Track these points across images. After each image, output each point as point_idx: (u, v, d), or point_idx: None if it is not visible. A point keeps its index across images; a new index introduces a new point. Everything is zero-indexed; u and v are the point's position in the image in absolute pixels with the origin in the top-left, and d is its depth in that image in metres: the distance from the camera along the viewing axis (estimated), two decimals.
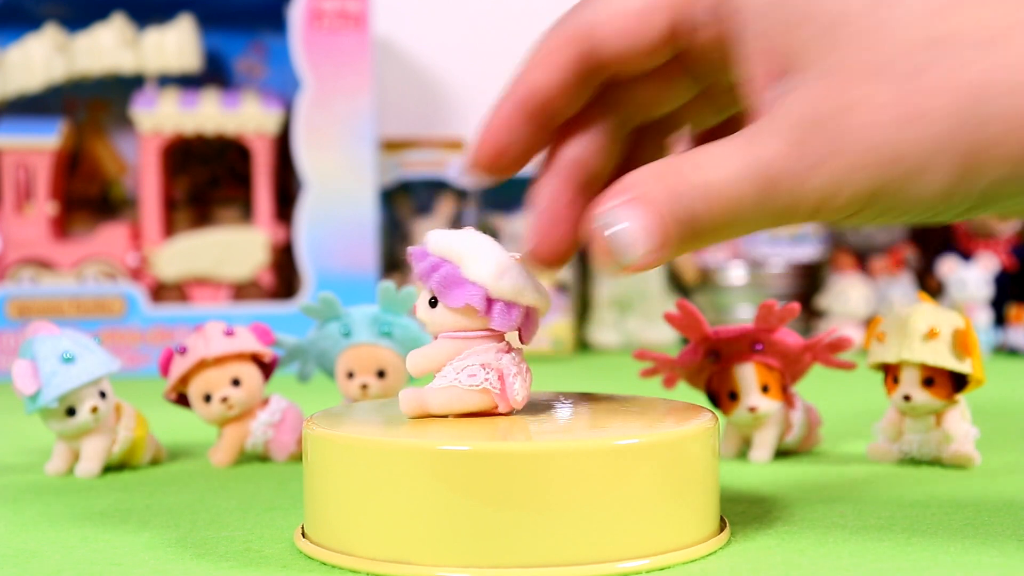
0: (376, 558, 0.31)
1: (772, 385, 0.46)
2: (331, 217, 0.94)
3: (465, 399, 0.33)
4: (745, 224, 0.32)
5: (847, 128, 0.30)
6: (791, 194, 0.31)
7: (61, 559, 0.33)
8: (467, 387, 0.33)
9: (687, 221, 0.32)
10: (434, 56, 1.19)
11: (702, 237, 0.32)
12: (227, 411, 0.48)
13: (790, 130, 0.31)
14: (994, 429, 0.52)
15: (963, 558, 0.32)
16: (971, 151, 0.30)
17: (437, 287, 0.33)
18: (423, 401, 0.33)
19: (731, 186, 0.31)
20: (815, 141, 0.30)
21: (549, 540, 0.30)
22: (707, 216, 0.31)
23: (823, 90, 0.31)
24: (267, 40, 1.04)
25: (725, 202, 0.31)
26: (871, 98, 0.30)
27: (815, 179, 0.30)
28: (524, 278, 0.33)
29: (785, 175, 0.30)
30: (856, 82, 0.30)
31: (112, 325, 0.90)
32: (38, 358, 0.45)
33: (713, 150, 0.32)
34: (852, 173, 0.30)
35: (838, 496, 0.40)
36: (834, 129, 0.30)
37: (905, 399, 0.45)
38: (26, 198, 0.95)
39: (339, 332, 0.50)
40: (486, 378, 0.33)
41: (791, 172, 0.30)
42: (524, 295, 0.33)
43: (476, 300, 0.33)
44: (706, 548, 0.32)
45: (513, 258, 0.33)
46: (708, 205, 0.31)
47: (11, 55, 0.95)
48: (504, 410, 0.33)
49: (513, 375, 0.33)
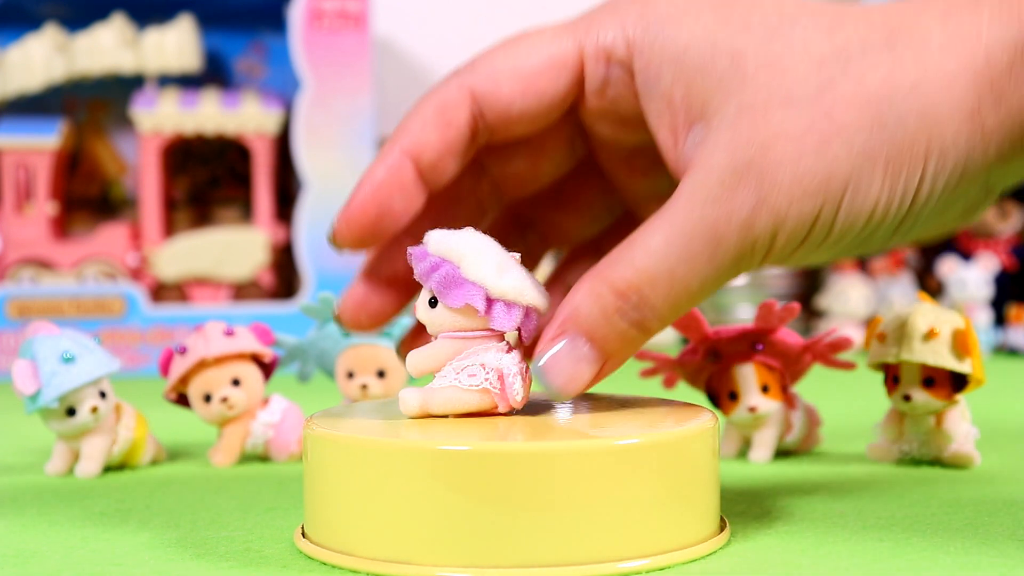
0: (376, 558, 0.31)
1: (772, 385, 0.46)
2: (331, 217, 0.94)
3: (465, 399, 0.33)
4: (707, 287, 0.32)
5: (773, 165, 0.30)
6: (741, 243, 0.31)
7: (61, 559, 0.33)
8: (467, 387, 0.33)
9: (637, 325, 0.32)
10: (434, 56, 1.19)
11: (660, 323, 0.32)
12: (227, 411, 0.48)
13: (720, 183, 0.31)
14: (994, 429, 0.52)
15: (963, 558, 0.32)
16: (892, 154, 0.30)
17: (437, 287, 0.33)
18: (423, 401, 0.33)
19: (681, 262, 0.31)
20: (747, 187, 0.31)
21: (549, 540, 0.30)
22: (665, 302, 0.32)
23: (739, 133, 0.31)
24: (267, 40, 1.04)
25: (680, 281, 0.31)
26: (786, 129, 0.30)
27: (759, 222, 0.31)
28: (524, 278, 0.33)
29: (731, 228, 0.31)
30: (767, 117, 0.31)
31: (112, 325, 0.90)
32: (38, 358, 0.45)
33: (649, 236, 0.32)
34: (791, 205, 0.30)
35: (838, 496, 0.40)
36: (761, 169, 0.30)
37: (905, 399, 0.45)
38: (26, 198, 0.95)
39: (339, 332, 0.50)
40: (486, 378, 0.33)
41: (735, 223, 0.31)
42: (524, 295, 0.33)
43: (476, 300, 0.33)
44: (706, 548, 0.32)
45: (513, 258, 0.33)
46: (661, 291, 0.31)
47: (11, 55, 0.95)
48: (504, 410, 0.33)
49: (513, 375, 0.33)
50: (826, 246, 0.32)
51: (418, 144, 0.34)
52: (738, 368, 0.46)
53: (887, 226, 0.31)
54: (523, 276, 0.33)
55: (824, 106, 0.30)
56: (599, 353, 0.32)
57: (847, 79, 0.31)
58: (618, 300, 0.32)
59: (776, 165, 0.30)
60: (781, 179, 0.30)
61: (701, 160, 0.31)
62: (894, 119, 0.30)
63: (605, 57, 0.34)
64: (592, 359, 0.32)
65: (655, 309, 0.32)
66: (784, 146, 0.30)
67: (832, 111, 0.30)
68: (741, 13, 0.32)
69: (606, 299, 0.32)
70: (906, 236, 0.32)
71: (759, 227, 0.31)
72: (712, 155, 0.31)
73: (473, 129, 0.34)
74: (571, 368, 0.32)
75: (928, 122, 0.30)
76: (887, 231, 0.32)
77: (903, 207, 0.31)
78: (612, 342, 0.32)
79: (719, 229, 0.31)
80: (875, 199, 0.31)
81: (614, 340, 0.32)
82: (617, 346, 0.32)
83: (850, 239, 0.32)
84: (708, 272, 0.31)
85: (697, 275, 0.31)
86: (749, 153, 0.31)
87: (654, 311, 0.32)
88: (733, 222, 0.31)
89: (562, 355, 0.32)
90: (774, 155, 0.30)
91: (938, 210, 0.32)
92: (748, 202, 0.30)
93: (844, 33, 0.31)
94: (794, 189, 0.30)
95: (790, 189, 0.30)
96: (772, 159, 0.30)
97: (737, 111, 0.31)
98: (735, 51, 0.31)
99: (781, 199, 0.30)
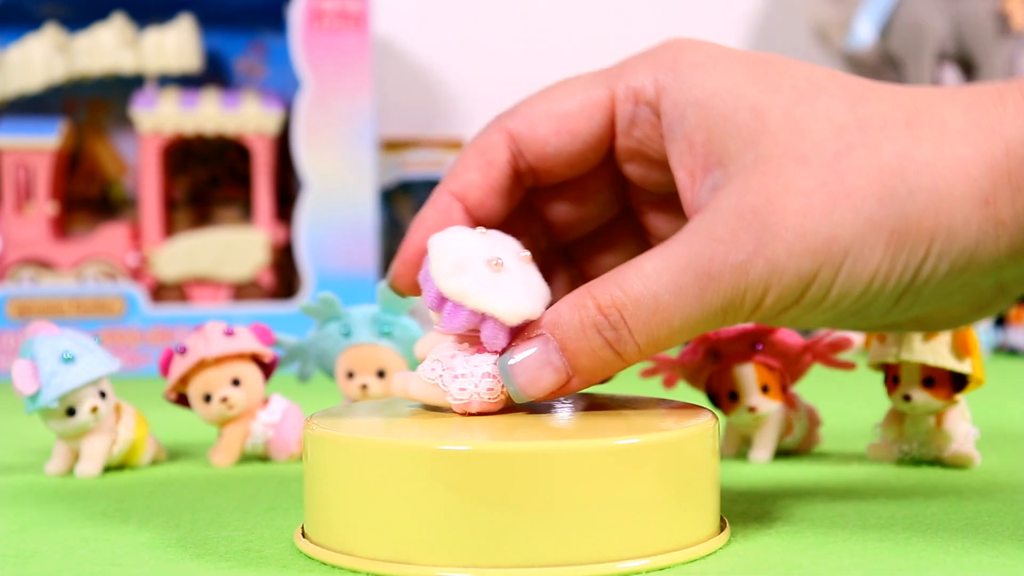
0: (376, 558, 0.31)
1: (772, 385, 0.46)
2: (331, 217, 0.94)
3: (424, 390, 0.34)
4: (689, 327, 0.32)
5: (778, 216, 0.30)
6: (733, 287, 0.31)
7: (61, 559, 0.33)
8: (425, 379, 0.34)
9: (608, 347, 0.32)
10: (434, 56, 1.19)
11: (636, 348, 0.32)
12: (227, 411, 0.48)
13: (723, 224, 0.31)
14: (994, 429, 0.52)
15: (963, 558, 0.32)
16: (899, 227, 0.30)
17: (419, 283, 0.34)
18: (406, 384, 0.34)
19: (669, 292, 0.31)
20: (749, 232, 0.31)
21: (549, 540, 0.30)
22: (643, 328, 0.31)
23: (750, 182, 0.31)
24: (267, 40, 1.04)
25: (663, 311, 0.31)
26: (797, 185, 0.31)
27: (754, 269, 0.31)
28: (484, 284, 0.33)
29: (725, 269, 0.31)
30: (781, 171, 0.31)
31: (112, 325, 0.90)
32: (38, 358, 0.45)
33: (644, 261, 0.32)
34: (789, 259, 0.30)
35: (838, 496, 0.40)
36: (765, 218, 0.31)
37: (905, 399, 0.45)
38: (26, 198, 0.95)
39: (339, 332, 0.50)
40: (440, 374, 0.34)
41: (730, 265, 0.31)
42: (468, 299, 0.33)
43: (429, 298, 0.34)
44: (706, 548, 0.32)
45: (495, 261, 0.33)
46: (642, 316, 0.31)
47: (11, 55, 0.95)
48: (455, 409, 0.34)
49: (456, 376, 0.33)
50: (821, 310, 0.32)
51: (463, 185, 0.36)
52: (738, 368, 0.46)
53: (885, 298, 0.31)
54: (484, 282, 0.33)
55: (837, 169, 0.31)
56: (567, 363, 0.32)
57: (863, 148, 0.31)
58: (598, 315, 0.32)
59: (781, 217, 0.30)
60: (784, 232, 0.30)
61: (711, 203, 0.32)
62: (904, 192, 0.30)
63: (634, 98, 0.34)
64: (558, 367, 0.32)
65: (632, 333, 0.31)
66: (792, 200, 0.30)
67: (844, 175, 0.30)
68: (772, 75, 0.33)
69: (587, 311, 0.32)
70: (906, 313, 0.32)
71: (753, 274, 0.31)
72: (722, 199, 0.31)
73: (514, 168, 0.36)
74: (535, 371, 0.32)
75: (938, 201, 0.30)
76: (885, 304, 0.31)
77: (903, 281, 0.31)
78: (582, 356, 0.32)
79: (712, 267, 0.31)
80: (875, 268, 0.30)
81: (585, 354, 0.32)
82: (586, 361, 0.32)
83: (846, 306, 0.31)
84: (693, 309, 0.31)
85: (681, 309, 0.31)
86: (756, 201, 0.31)
87: (630, 335, 0.32)
88: (728, 263, 0.31)
89: (531, 356, 0.32)
90: (780, 207, 0.30)
91: (941, 292, 0.31)
92: (746, 247, 0.31)
93: (868, 108, 0.31)
94: (795, 244, 0.30)
95: (791, 243, 0.30)
96: (778, 210, 0.30)
97: (753, 161, 0.31)
98: (759, 107, 0.32)
99: (780, 251, 0.30)
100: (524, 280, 0.34)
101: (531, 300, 0.33)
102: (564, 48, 1.19)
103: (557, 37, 1.19)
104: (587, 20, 1.20)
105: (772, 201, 0.31)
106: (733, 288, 0.31)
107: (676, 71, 0.34)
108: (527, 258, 0.34)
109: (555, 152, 0.35)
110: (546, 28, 1.19)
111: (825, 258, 0.30)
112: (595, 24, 1.20)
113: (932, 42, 1.05)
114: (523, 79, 1.18)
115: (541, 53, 1.19)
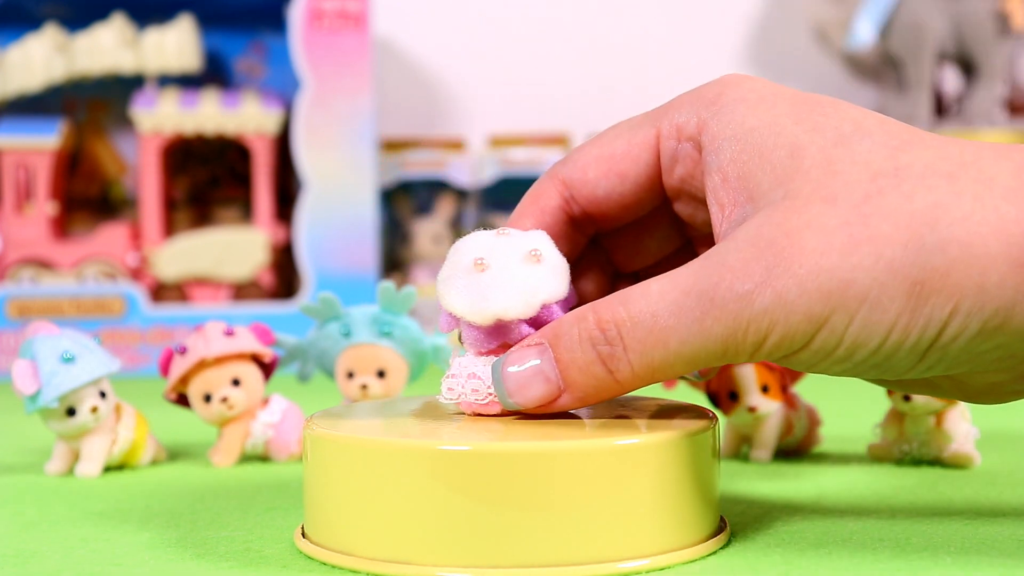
0: (376, 558, 0.31)
1: (772, 385, 0.46)
2: (331, 217, 0.94)
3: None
4: (686, 353, 0.30)
5: (795, 250, 0.29)
6: (735, 316, 0.30)
7: (61, 559, 0.33)
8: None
9: (600, 363, 0.31)
10: (434, 56, 1.19)
11: (630, 368, 0.31)
12: (227, 411, 0.48)
13: (737, 252, 0.30)
14: (994, 429, 0.52)
15: (963, 559, 0.32)
16: (923, 278, 0.29)
17: None
18: None
19: (669, 313, 0.30)
20: (761, 262, 0.29)
21: (549, 540, 0.30)
22: (639, 346, 0.31)
23: (774, 215, 0.30)
24: (267, 40, 1.04)
25: (660, 332, 0.30)
26: (820, 221, 0.29)
27: (760, 300, 0.29)
28: (459, 284, 0.33)
29: (730, 296, 0.30)
30: (806, 208, 0.30)
31: (112, 325, 0.90)
32: (38, 358, 0.45)
33: (652, 283, 0.31)
34: (799, 297, 0.29)
35: (838, 496, 0.40)
36: (781, 250, 0.29)
37: (905, 399, 0.45)
38: (26, 198, 0.95)
39: (339, 332, 0.50)
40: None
41: (736, 293, 0.30)
42: (442, 299, 0.33)
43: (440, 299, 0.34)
44: (706, 548, 0.32)
45: (478, 261, 0.33)
46: (639, 334, 0.31)
47: (11, 55, 0.95)
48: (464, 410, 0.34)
49: (448, 376, 0.34)
50: (835, 359, 0.30)
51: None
52: (738, 368, 0.46)
53: (906, 353, 0.30)
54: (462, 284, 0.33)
55: (864, 211, 0.29)
56: (559, 375, 0.32)
57: (896, 193, 0.29)
58: (595, 329, 0.31)
59: (797, 252, 0.29)
60: (797, 267, 0.29)
61: (731, 233, 0.31)
62: (933, 242, 0.29)
63: (677, 135, 0.34)
64: (549, 378, 0.32)
65: (626, 351, 0.31)
66: (811, 237, 0.29)
67: (870, 218, 0.29)
68: (817, 115, 0.32)
69: (586, 324, 0.31)
70: (932, 370, 0.30)
71: (758, 306, 0.29)
72: (741, 230, 0.31)
73: (567, 213, 0.36)
74: (526, 378, 0.32)
75: (972, 256, 0.28)
76: (908, 359, 0.30)
77: (926, 337, 0.29)
78: (575, 369, 0.31)
79: (717, 293, 0.30)
80: (893, 320, 0.29)
81: (577, 368, 0.31)
82: (577, 375, 0.31)
83: (863, 357, 0.30)
84: (691, 334, 0.30)
85: (678, 332, 0.30)
86: (775, 233, 0.30)
87: (624, 352, 0.31)
88: (733, 290, 0.30)
89: (524, 364, 0.32)
90: (800, 242, 0.29)
91: (972, 354, 0.30)
92: (755, 277, 0.29)
93: (910, 155, 0.30)
94: (808, 282, 0.29)
95: (803, 280, 0.29)
96: (795, 245, 0.29)
97: (782, 198, 0.30)
98: (797, 145, 0.31)
99: (791, 285, 0.29)
100: (508, 280, 0.33)
101: (503, 300, 0.33)
102: (564, 48, 1.19)
103: (557, 37, 1.19)
104: (587, 20, 1.20)
105: (790, 235, 0.29)
106: (736, 317, 0.30)
107: (718, 106, 0.33)
108: (537, 257, 0.33)
109: (606, 195, 0.35)
110: (546, 28, 1.19)
111: (839, 302, 0.29)
112: (595, 24, 1.20)
113: (932, 42, 1.05)
114: (523, 80, 1.18)
115: (541, 54, 1.19)
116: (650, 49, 1.19)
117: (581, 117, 1.14)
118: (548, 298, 0.33)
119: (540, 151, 1.04)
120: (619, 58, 1.18)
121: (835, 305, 0.29)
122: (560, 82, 1.18)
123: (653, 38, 1.19)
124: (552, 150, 1.03)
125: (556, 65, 1.19)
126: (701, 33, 1.20)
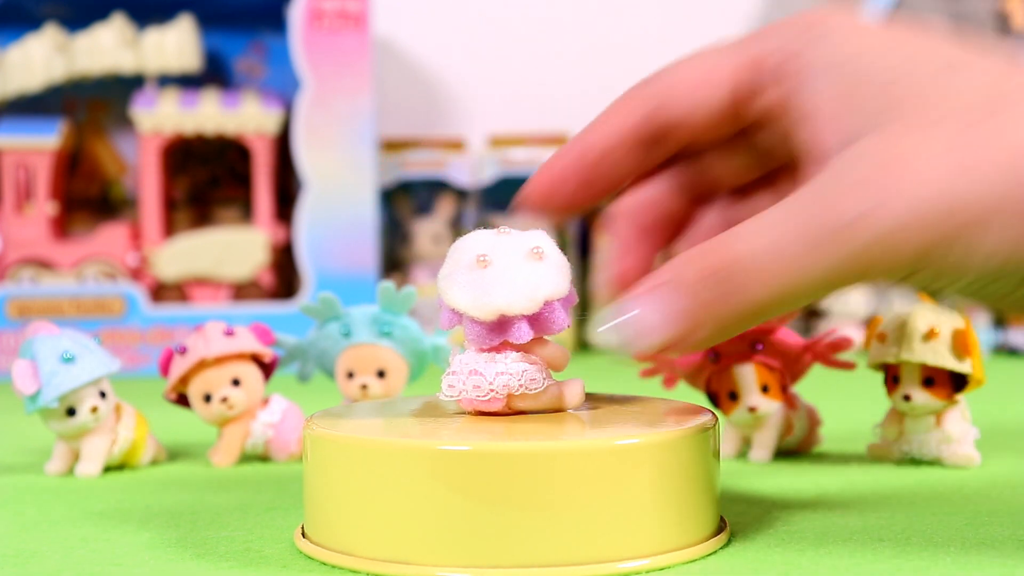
0: (376, 558, 0.31)
1: (772, 385, 0.46)
2: (331, 217, 0.94)
3: None
4: (795, 292, 0.30)
5: (899, 177, 0.29)
6: (842, 248, 0.29)
7: (61, 559, 0.33)
8: None
9: (722, 302, 0.31)
10: (434, 56, 1.19)
11: (747, 314, 0.31)
12: (227, 411, 0.48)
13: (838, 183, 0.30)
14: (994, 429, 0.52)
15: (963, 558, 0.32)
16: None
17: None
18: None
19: (777, 250, 0.30)
20: (865, 192, 0.29)
21: (549, 540, 0.30)
22: (750, 290, 0.30)
23: (877, 143, 0.30)
24: (267, 40, 1.04)
25: (770, 270, 0.30)
26: (925, 147, 0.29)
27: (866, 231, 0.29)
28: (460, 281, 0.33)
29: (836, 229, 0.29)
30: (911, 134, 0.30)
31: (112, 325, 0.90)
32: (38, 358, 0.45)
33: (760, 218, 0.31)
34: (905, 226, 0.29)
35: (838, 496, 0.40)
36: (886, 179, 0.29)
37: (905, 399, 0.45)
38: (26, 198, 0.95)
39: (339, 332, 0.50)
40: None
41: (842, 225, 0.29)
42: (444, 295, 0.33)
43: None
44: (706, 548, 0.32)
45: (481, 257, 0.33)
46: (750, 277, 0.30)
47: (11, 55, 0.95)
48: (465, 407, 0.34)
49: (449, 374, 0.34)
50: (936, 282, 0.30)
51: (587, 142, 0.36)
52: (738, 368, 0.46)
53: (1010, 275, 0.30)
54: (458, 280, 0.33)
55: (971, 137, 0.29)
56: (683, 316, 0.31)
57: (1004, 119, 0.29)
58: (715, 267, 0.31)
59: (902, 179, 0.29)
60: (903, 194, 0.29)
61: (835, 161, 0.31)
62: None
63: (760, 63, 0.34)
64: (674, 319, 0.31)
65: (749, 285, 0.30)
66: (917, 163, 0.29)
67: (978, 143, 0.29)
68: (917, 45, 0.31)
69: (705, 262, 0.31)
70: None
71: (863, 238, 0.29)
72: (846, 160, 0.30)
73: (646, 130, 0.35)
74: (651, 321, 0.31)
75: None
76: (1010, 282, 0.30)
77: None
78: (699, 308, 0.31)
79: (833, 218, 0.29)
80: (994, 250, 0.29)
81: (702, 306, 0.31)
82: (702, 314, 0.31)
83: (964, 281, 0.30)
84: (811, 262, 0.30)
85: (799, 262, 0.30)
86: (881, 161, 0.29)
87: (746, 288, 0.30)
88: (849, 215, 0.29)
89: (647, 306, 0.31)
90: (904, 169, 0.29)
91: None
92: (861, 207, 0.29)
93: (1013, 83, 0.30)
94: (914, 209, 0.29)
95: (909, 207, 0.29)
96: (900, 172, 0.29)
97: (885, 123, 0.30)
98: (898, 72, 0.31)
99: (896, 214, 0.29)
100: (511, 276, 0.33)
101: (506, 295, 0.33)
102: (564, 48, 1.19)
103: (557, 37, 1.19)
104: (587, 20, 1.20)
105: (895, 162, 0.29)
106: (841, 249, 0.29)
107: (809, 36, 0.33)
108: (539, 254, 0.33)
109: (696, 107, 0.35)
110: (546, 28, 1.19)
111: (943, 230, 0.29)
112: (595, 24, 1.20)
113: None
114: (523, 79, 1.18)
115: (541, 54, 1.19)
116: (650, 49, 1.19)
117: (581, 117, 1.14)
118: (550, 295, 0.33)
119: (540, 151, 1.04)
120: (619, 58, 1.18)
121: (940, 234, 0.29)
122: (560, 82, 1.18)
123: (653, 38, 1.19)
124: (552, 150, 1.03)
125: (556, 65, 1.19)
126: (701, 33, 1.20)
